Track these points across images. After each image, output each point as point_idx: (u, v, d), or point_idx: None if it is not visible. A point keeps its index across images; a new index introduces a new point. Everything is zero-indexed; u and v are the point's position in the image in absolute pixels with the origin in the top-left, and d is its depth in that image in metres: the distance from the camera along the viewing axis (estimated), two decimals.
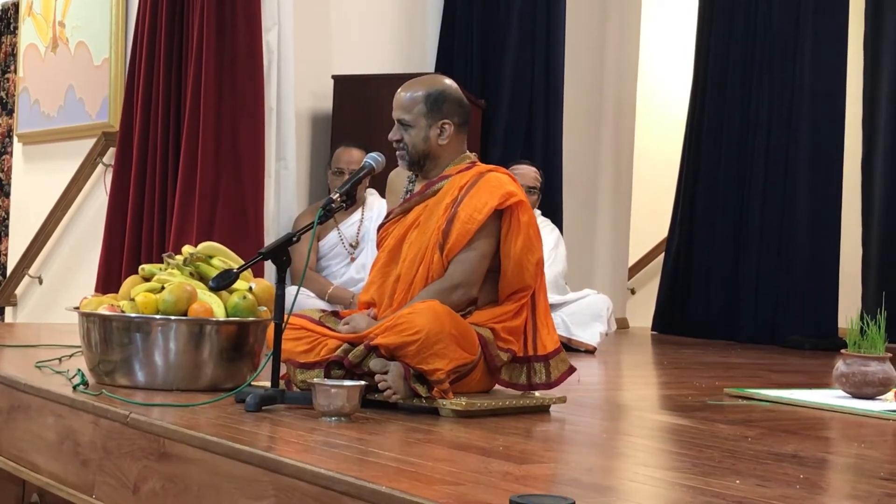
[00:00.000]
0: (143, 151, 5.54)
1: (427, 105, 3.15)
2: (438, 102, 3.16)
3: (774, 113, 6.84)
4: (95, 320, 3.10)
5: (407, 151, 3.16)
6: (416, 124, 3.15)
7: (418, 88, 3.18)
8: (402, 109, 3.16)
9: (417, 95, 3.16)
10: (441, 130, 3.16)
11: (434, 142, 3.16)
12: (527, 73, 6.68)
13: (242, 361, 3.14)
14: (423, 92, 3.16)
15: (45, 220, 6.51)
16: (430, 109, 3.15)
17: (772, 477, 2.24)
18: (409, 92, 3.17)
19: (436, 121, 3.15)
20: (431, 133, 3.15)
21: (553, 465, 2.40)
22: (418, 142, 3.15)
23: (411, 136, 3.15)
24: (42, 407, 3.02)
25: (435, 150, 3.17)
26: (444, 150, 3.17)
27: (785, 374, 4.86)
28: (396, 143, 3.18)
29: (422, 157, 3.17)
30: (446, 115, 3.16)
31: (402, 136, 3.16)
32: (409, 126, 3.15)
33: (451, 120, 3.16)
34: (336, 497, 2.01)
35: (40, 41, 6.81)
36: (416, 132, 3.15)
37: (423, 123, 3.15)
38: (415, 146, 3.15)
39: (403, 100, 3.17)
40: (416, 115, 3.15)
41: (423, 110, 3.14)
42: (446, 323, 2.88)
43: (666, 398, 3.99)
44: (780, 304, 6.70)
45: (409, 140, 3.15)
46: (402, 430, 2.64)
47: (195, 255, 3.27)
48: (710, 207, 7.17)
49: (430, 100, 3.15)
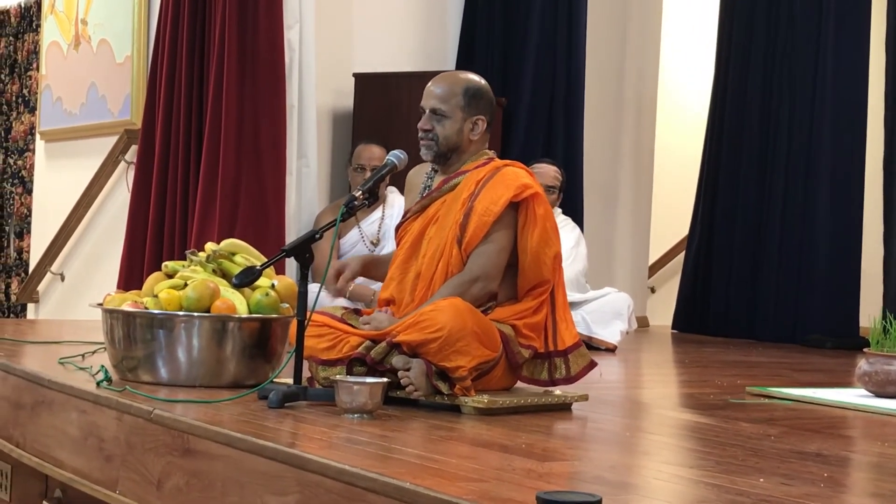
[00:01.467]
0: (165, 149, 5.57)
1: (466, 98, 3.12)
2: (477, 97, 3.14)
3: (796, 110, 6.81)
4: (119, 317, 3.12)
5: (436, 143, 3.12)
6: (452, 116, 3.11)
7: (457, 81, 3.15)
8: (438, 99, 3.12)
9: (456, 88, 3.13)
10: (474, 126, 3.14)
11: (466, 136, 3.14)
12: (548, 71, 6.67)
13: (265, 358, 3.15)
14: (463, 85, 3.14)
15: (67, 218, 6.53)
16: (469, 103, 3.13)
17: (795, 475, 2.23)
18: (446, 83, 3.14)
19: (471, 115, 3.13)
20: (465, 126, 3.13)
21: (576, 462, 2.40)
22: (451, 134, 3.12)
23: (444, 127, 3.11)
24: (66, 403, 3.03)
25: (465, 145, 3.15)
26: (472, 145, 3.16)
27: (807, 372, 4.84)
28: (425, 133, 3.12)
29: (451, 150, 3.14)
30: (482, 111, 3.15)
31: (434, 127, 3.12)
32: (443, 117, 3.11)
33: (485, 116, 3.16)
34: (361, 493, 2.01)
35: (63, 39, 6.84)
36: (451, 124, 3.11)
37: (459, 116, 3.12)
38: (447, 138, 3.12)
39: (441, 90, 3.13)
40: (452, 107, 3.11)
41: (460, 103, 3.12)
42: (468, 320, 2.88)
43: (687, 396, 3.98)
44: (801, 302, 6.67)
45: (442, 132, 3.11)
46: (425, 428, 2.65)
47: (218, 252, 3.28)
48: (730, 205, 7.14)
49: (468, 93, 3.13)
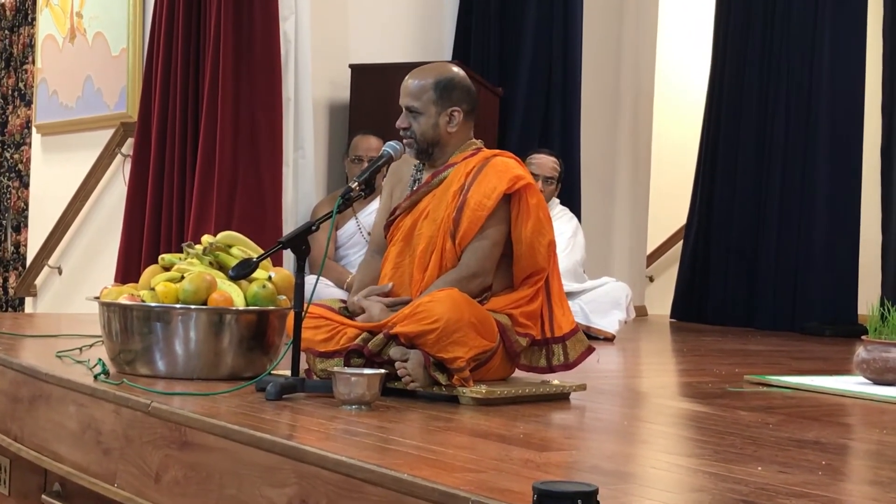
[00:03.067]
0: (161, 141, 5.56)
1: (437, 92, 3.12)
2: (448, 89, 3.13)
3: (793, 98, 6.81)
4: (116, 310, 3.11)
5: (415, 139, 3.13)
6: (425, 111, 3.12)
7: (427, 76, 3.15)
8: (410, 97, 3.13)
9: (427, 83, 3.13)
10: (450, 118, 3.14)
11: (443, 129, 3.14)
12: (544, 60, 6.66)
13: (262, 350, 3.14)
14: (433, 79, 3.13)
15: (64, 211, 6.52)
16: (440, 97, 3.12)
17: (794, 463, 2.23)
18: (417, 79, 3.14)
19: (445, 108, 3.13)
20: (441, 120, 3.13)
21: (574, 452, 2.40)
22: (427, 129, 3.12)
23: (420, 123, 3.12)
24: (63, 396, 3.03)
25: (444, 138, 3.15)
26: (453, 137, 3.15)
27: (805, 360, 4.84)
28: (404, 131, 3.14)
29: (430, 144, 3.14)
30: (456, 103, 3.14)
31: (411, 124, 3.13)
32: (418, 113, 3.12)
33: (461, 107, 3.14)
34: (358, 485, 2.01)
35: (58, 32, 6.83)
36: (426, 120, 3.12)
37: (432, 111, 3.12)
38: (423, 134, 3.12)
39: (412, 87, 3.14)
40: (425, 103, 3.12)
41: (432, 97, 3.12)
42: (465, 311, 2.88)
43: (686, 385, 3.98)
44: (799, 290, 6.68)
45: (419, 128, 3.12)
46: (423, 418, 2.65)
47: (214, 244, 3.27)
48: (728, 194, 7.14)
49: (439, 87, 3.13)
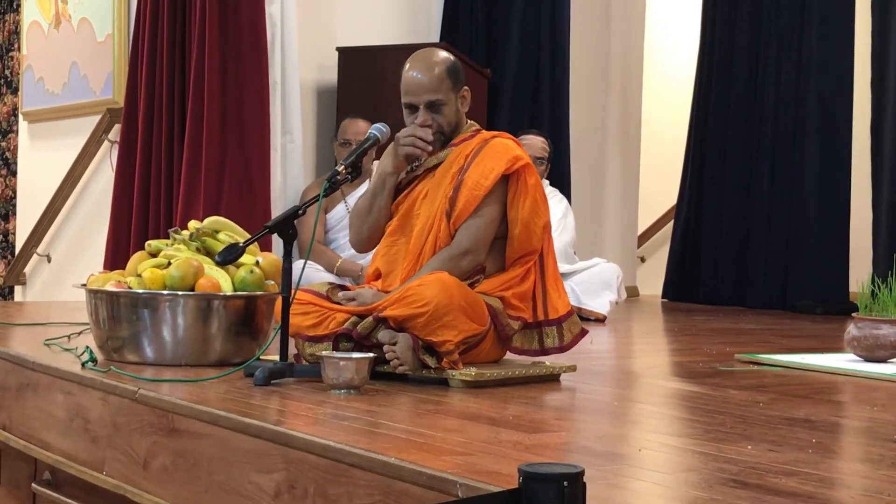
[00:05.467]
0: (148, 127, 5.53)
1: (451, 78, 3.09)
2: (456, 72, 3.12)
3: (782, 76, 6.80)
4: (103, 297, 3.09)
5: (442, 132, 3.08)
6: (447, 101, 3.08)
7: (434, 65, 3.08)
8: (430, 91, 3.05)
9: (440, 71, 3.07)
10: (463, 99, 3.13)
11: (461, 112, 3.13)
12: (532, 41, 6.64)
13: (251, 336, 3.13)
14: (443, 66, 3.09)
15: (52, 198, 6.50)
16: (454, 82, 3.10)
17: (784, 442, 2.22)
18: (426, 72, 3.06)
19: (458, 91, 3.11)
20: (458, 105, 3.12)
21: (564, 433, 2.39)
22: (452, 118, 3.10)
23: (445, 115, 3.08)
24: (51, 384, 3.02)
25: (461, 121, 3.14)
26: (464, 118, 3.15)
27: (796, 339, 4.84)
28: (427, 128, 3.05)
29: (454, 130, 3.12)
30: (463, 83, 3.14)
31: (434, 119, 3.06)
32: (442, 104, 3.06)
33: (468, 87, 3.14)
34: (346, 469, 2.00)
35: (43, 18, 6.79)
36: (448, 108, 3.08)
37: (451, 98, 3.09)
38: (450, 123, 3.09)
39: (428, 80, 3.05)
40: (446, 92, 3.08)
41: (449, 85, 3.08)
42: (455, 294, 2.86)
43: (677, 365, 3.98)
44: (790, 268, 6.68)
45: (444, 119, 3.08)
46: (412, 402, 2.64)
47: (201, 229, 3.26)
48: (718, 173, 7.14)
49: (451, 72, 3.09)
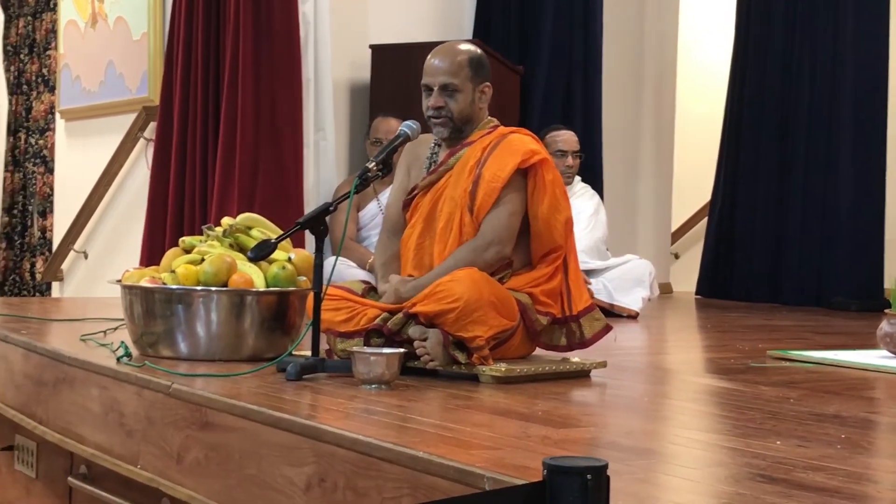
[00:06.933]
0: (183, 125, 5.57)
1: (472, 68, 3.10)
2: (480, 65, 3.12)
3: (817, 71, 6.75)
4: (138, 293, 3.13)
5: (451, 118, 3.09)
6: (463, 88, 3.08)
7: (458, 53, 3.12)
8: (447, 74, 3.08)
9: (462, 59, 3.10)
10: (482, 94, 3.13)
11: (476, 106, 3.13)
12: (565, 36, 6.62)
13: (283, 331, 3.16)
14: (466, 56, 3.11)
15: (88, 196, 6.55)
16: (476, 73, 3.11)
17: (813, 437, 2.22)
18: (448, 57, 3.10)
19: (478, 84, 3.12)
20: (475, 97, 3.12)
21: (592, 429, 2.40)
22: (465, 107, 3.10)
23: (458, 101, 3.08)
24: (87, 379, 3.06)
25: (476, 115, 3.13)
26: (481, 114, 3.15)
27: (830, 335, 4.81)
28: (437, 111, 3.08)
29: (465, 122, 3.11)
30: (486, 79, 3.14)
31: (447, 103, 3.08)
32: (456, 91, 3.08)
33: (490, 83, 3.15)
34: (375, 463, 2.02)
35: (80, 17, 6.85)
36: (464, 97, 3.09)
37: (469, 87, 3.09)
38: (461, 112, 3.09)
39: (446, 65, 3.09)
40: (463, 79, 3.08)
41: (469, 74, 3.09)
42: (485, 290, 2.87)
43: (708, 361, 3.97)
44: (824, 265, 6.64)
45: (456, 106, 3.08)
46: (442, 397, 2.65)
47: (234, 226, 3.29)
48: (753, 169, 7.09)
49: (473, 63, 3.11)
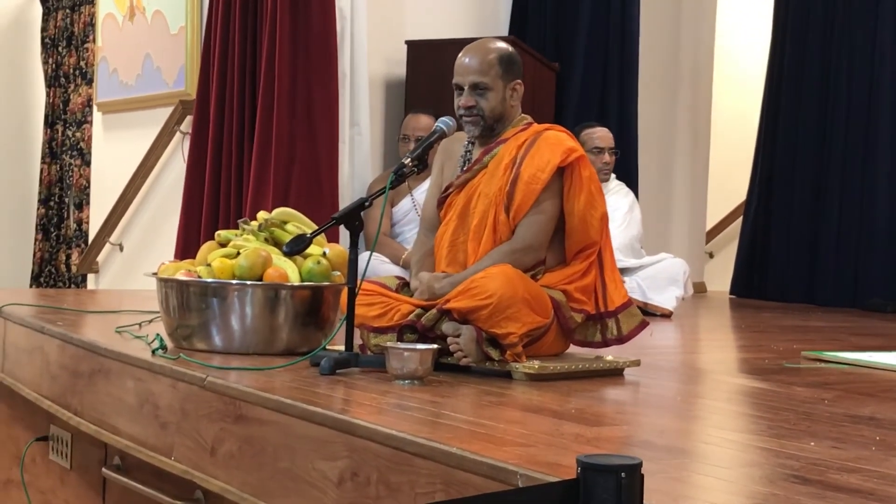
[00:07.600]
0: (219, 119, 5.60)
1: (503, 67, 3.10)
2: (511, 63, 3.12)
3: (855, 72, 6.70)
4: (173, 286, 3.15)
5: (482, 117, 3.08)
6: (494, 87, 3.08)
7: (488, 51, 3.12)
8: (477, 73, 3.08)
9: (492, 57, 3.10)
10: (514, 92, 3.13)
11: (508, 104, 3.12)
12: (601, 34, 6.61)
13: (317, 326, 3.17)
14: (496, 54, 3.11)
15: (124, 188, 6.60)
16: (506, 71, 3.10)
17: (847, 439, 2.21)
18: (478, 55, 3.10)
19: (509, 82, 3.11)
20: (507, 95, 3.11)
21: (625, 427, 2.39)
22: (497, 105, 3.09)
23: (489, 100, 3.08)
24: (122, 371, 3.08)
25: (508, 113, 3.13)
26: (513, 112, 3.14)
27: (865, 336, 4.78)
28: (468, 110, 3.08)
29: (497, 120, 3.11)
30: (517, 76, 3.13)
31: (477, 102, 3.08)
32: (486, 89, 3.08)
33: (521, 80, 3.15)
34: (408, 458, 2.03)
35: (118, 11, 6.89)
36: (494, 95, 3.08)
37: (500, 86, 3.09)
38: (493, 110, 3.09)
39: (476, 64, 3.09)
40: (493, 78, 3.08)
41: (499, 72, 3.09)
42: (519, 287, 2.87)
43: (742, 361, 3.95)
44: (860, 266, 6.59)
45: (487, 105, 3.08)
46: (475, 393, 2.65)
47: (270, 220, 3.30)
48: (789, 168, 7.05)
49: (503, 61, 3.10)
